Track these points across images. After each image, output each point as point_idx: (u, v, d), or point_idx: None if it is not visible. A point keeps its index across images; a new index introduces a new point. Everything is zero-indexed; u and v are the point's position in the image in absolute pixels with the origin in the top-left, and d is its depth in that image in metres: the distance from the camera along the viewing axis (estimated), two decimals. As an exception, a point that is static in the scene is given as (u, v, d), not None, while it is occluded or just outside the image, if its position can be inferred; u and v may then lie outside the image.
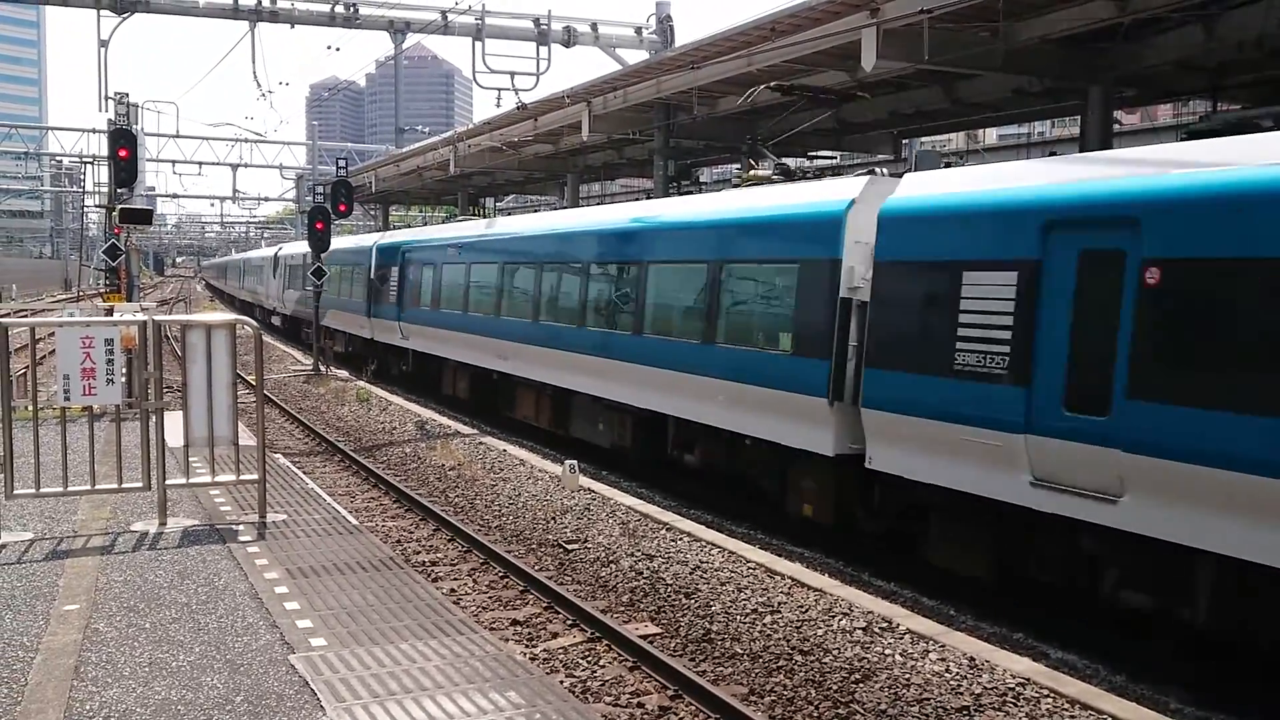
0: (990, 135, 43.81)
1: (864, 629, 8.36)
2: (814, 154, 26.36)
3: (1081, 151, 13.53)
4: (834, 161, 27.31)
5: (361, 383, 25.72)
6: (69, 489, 9.83)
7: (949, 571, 9.74)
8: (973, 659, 7.69)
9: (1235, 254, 7.13)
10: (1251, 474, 6.83)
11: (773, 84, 14.64)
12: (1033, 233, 8.53)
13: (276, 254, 44.16)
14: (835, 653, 7.99)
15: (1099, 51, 14.13)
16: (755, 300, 12.30)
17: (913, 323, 9.79)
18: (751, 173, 14.26)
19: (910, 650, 7.93)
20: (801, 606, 8.93)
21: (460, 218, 31.19)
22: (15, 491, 9.50)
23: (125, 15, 19.67)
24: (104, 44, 20.73)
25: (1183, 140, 8.82)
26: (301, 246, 34.78)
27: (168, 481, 9.89)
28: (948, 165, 13.19)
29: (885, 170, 12.02)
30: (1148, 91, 17.05)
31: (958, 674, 7.47)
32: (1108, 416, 7.77)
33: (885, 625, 8.42)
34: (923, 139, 28.25)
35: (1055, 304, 8.31)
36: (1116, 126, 18.65)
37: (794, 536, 11.90)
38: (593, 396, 15.73)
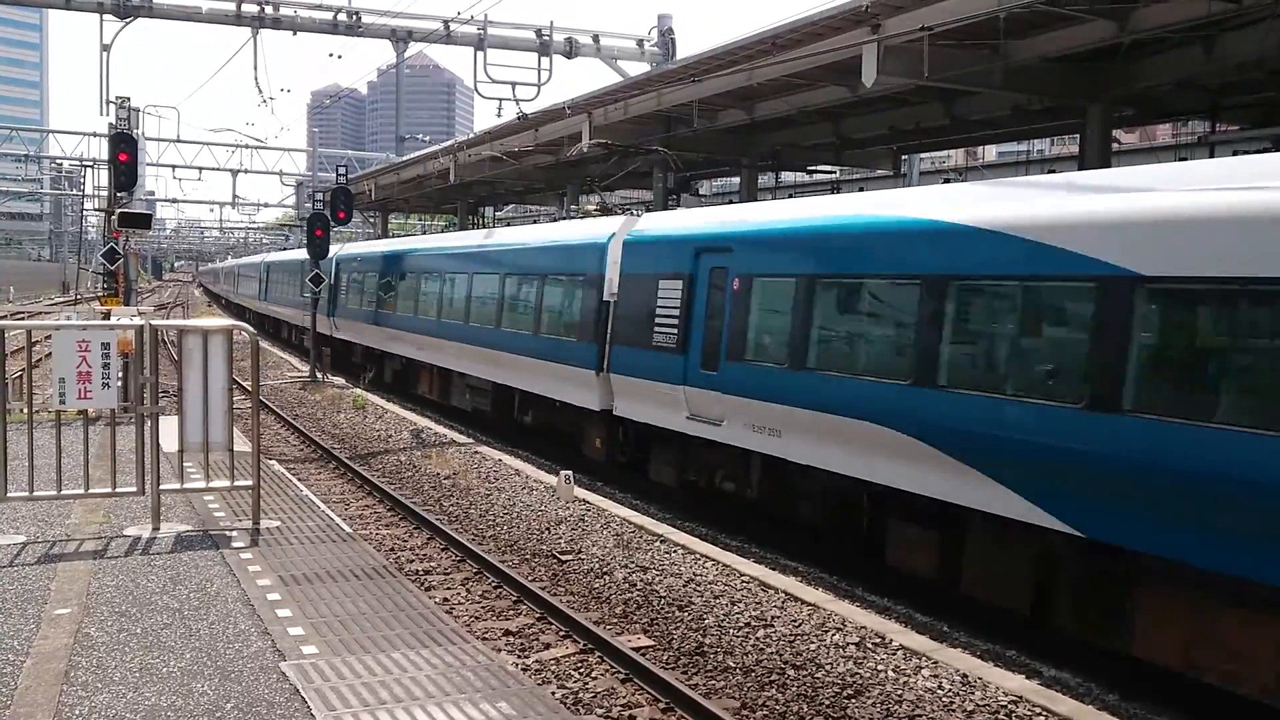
0: (990, 152, 43.95)
1: (857, 644, 8.35)
2: (814, 169, 26.43)
3: (1081, 169, 13.56)
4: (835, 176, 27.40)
5: (358, 390, 25.69)
6: (63, 492, 9.82)
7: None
8: (965, 676, 7.68)
9: None
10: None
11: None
12: None
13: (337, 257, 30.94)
14: (828, 668, 7.97)
15: (1098, 71, 14.18)
16: None
17: None
18: None
19: (903, 666, 7.92)
20: (795, 621, 8.91)
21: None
22: (8, 494, 9.47)
23: (128, 19, 19.73)
24: (106, 48, 20.85)
25: None
26: (398, 243, 28.68)
27: (162, 486, 9.88)
28: (947, 181, 13.10)
29: None
30: (1147, 111, 17.11)
31: (950, 691, 7.46)
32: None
33: (878, 641, 8.41)
34: (922, 155, 28.33)
35: None
36: (1116, 145, 18.70)
37: (790, 551, 11.88)
38: None
